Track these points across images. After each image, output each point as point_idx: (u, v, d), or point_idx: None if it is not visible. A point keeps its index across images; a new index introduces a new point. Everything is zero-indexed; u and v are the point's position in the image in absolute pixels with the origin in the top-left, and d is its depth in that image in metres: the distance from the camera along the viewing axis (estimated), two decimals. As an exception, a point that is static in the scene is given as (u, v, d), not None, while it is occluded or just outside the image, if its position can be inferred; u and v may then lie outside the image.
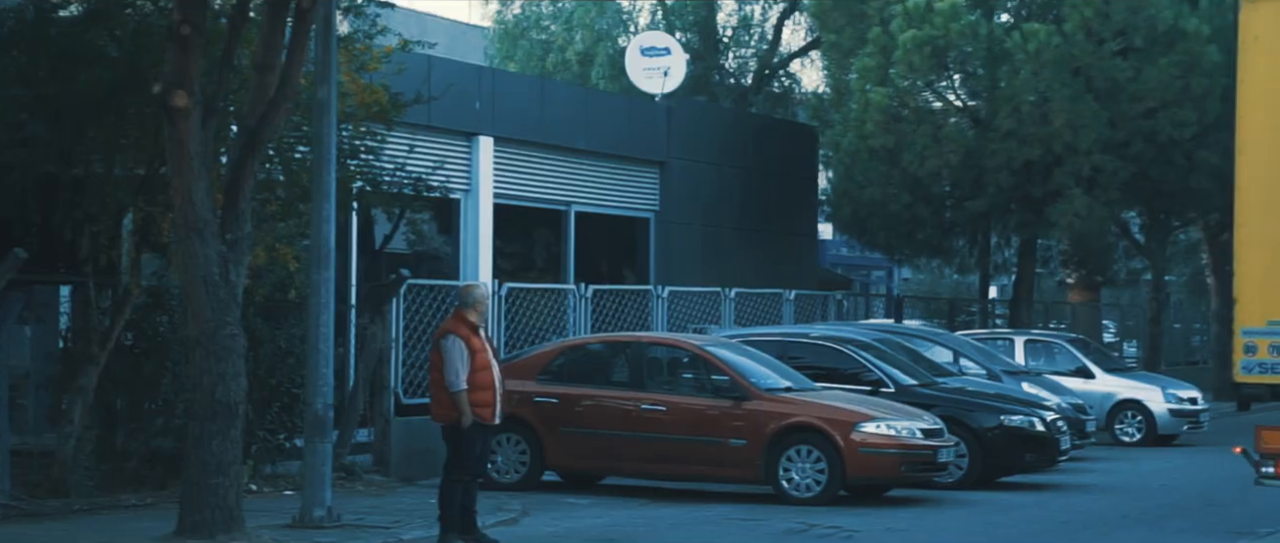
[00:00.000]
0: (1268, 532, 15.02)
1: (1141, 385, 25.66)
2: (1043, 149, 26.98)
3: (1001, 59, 27.11)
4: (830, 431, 16.15)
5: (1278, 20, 13.40)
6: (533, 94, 24.28)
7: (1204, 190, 28.57)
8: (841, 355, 18.77)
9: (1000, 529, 15.12)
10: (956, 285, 46.66)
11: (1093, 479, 19.44)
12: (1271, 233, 13.38)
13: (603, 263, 25.90)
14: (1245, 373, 13.63)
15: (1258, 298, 13.46)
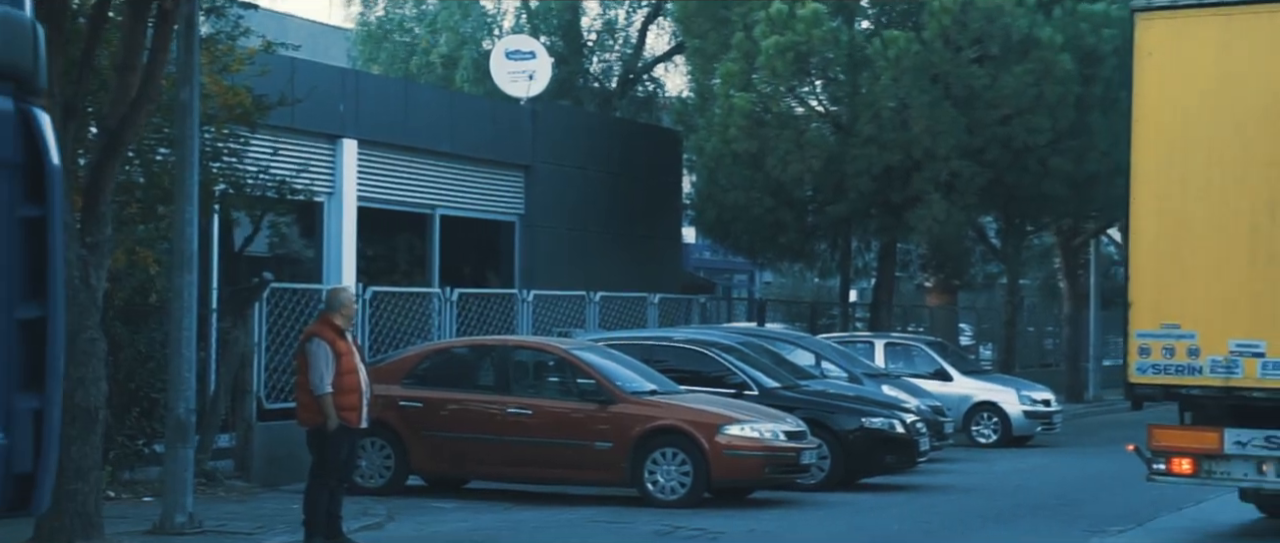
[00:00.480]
0: (1118, 530, 15.40)
1: (997, 388, 26.16)
2: (902, 155, 27.40)
3: (862, 65, 27.49)
4: (695, 433, 16.28)
5: (1170, 36, 13.85)
6: (397, 97, 24.18)
7: (1057, 196, 29.20)
8: (706, 359, 18.94)
9: (862, 530, 15.35)
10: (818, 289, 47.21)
11: (951, 480, 19.80)
12: (1164, 240, 13.78)
13: (467, 266, 25.86)
14: (1140, 374, 13.91)
15: (1151, 302, 13.82)
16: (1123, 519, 16.13)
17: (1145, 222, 13.97)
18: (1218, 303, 13.62)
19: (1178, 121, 13.81)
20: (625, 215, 28.79)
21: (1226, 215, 13.61)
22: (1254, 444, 13.60)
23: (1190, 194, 13.72)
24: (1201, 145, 13.69)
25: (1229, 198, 13.60)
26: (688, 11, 29.54)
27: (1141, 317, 13.90)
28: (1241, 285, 13.55)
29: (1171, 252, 13.81)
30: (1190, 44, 13.87)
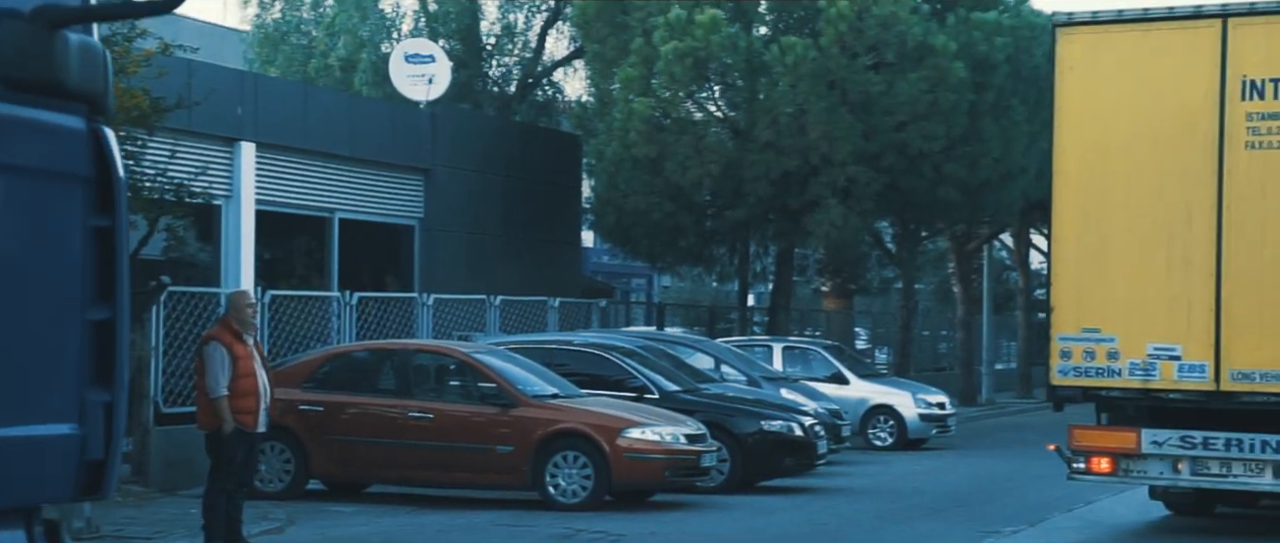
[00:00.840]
0: (1011, 531, 15.67)
1: (893, 391, 26.48)
2: (800, 160, 27.66)
3: (760, 71, 27.72)
4: (596, 437, 16.36)
5: (1090, 50, 14.37)
6: (296, 100, 24.05)
7: (951, 202, 29.60)
8: (606, 362, 19.03)
9: (761, 532, 15.51)
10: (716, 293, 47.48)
11: (848, 482, 20.03)
12: (1085, 248, 14.27)
13: (366, 270, 25.77)
14: (1061, 376, 14.45)
15: (1073, 307, 14.31)
16: (1015, 520, 16.42)
17: (1067, 229, 14.42)
18: (1136, 308, 14.11)
19: (1098, 132, 14.30)
20: (525, 219, 28.82)
21: (1145, 223, 14.11)
22: (1170, 444, 14.13)
23: (1110, 203, 14.22)
24: (1121, 155, 14.21)
25: (1147, 206, 14.10)
26: (587, 16, 29.62)
27: (1063, 321, 14.38)
28: (1159, 291, 14.05)
29: (1092, 258, 14.28)
30: (1109, 58, 14.37)
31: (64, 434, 3.89)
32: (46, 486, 3.89)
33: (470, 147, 27.51)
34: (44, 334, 3.82)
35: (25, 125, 3.75)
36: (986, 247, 39.54)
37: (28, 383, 3.78)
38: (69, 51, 3.82)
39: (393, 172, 25.79)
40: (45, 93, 3.80)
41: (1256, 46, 13.90)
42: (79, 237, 3.87)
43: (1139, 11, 14.59)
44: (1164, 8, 14.48)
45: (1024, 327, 42.38)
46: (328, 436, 16.84)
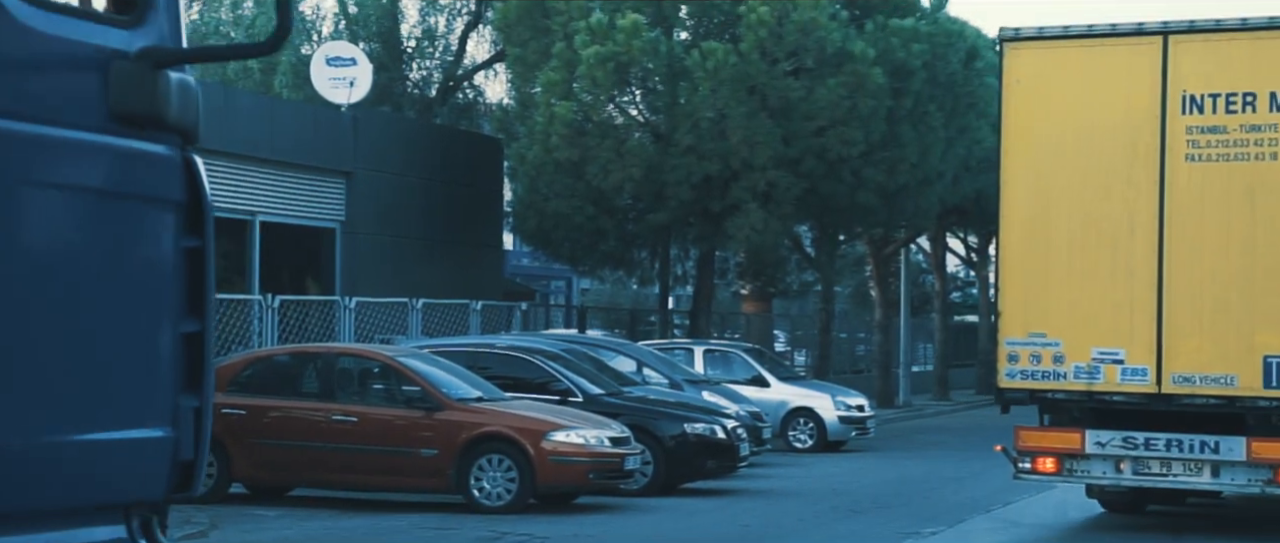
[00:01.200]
0: (931, 532, 15.89)
1: (813, 394, 26.72)
2: (721, 164, 27.85)
3: (681, 76, 27.88)
4: (521, 440, 16.43)
5: (1037, 65, 14.94)
6: (215, 101, 23.94)
7: (870, 206, 29.89)
8: (530, 365, 19.10)
9: (686, 534, 15.65)
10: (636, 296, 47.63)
11: (770, 485, 20.21)
12: (1032, 255, 14.87)
13: (288, 273, 25.69)
14: (1008, 379, 14.99)
15: (1019, 313, 14.92)
16: (935, 521, 16.65)
17: (1014, 237, 15.03)
18: (1081, 313, 14.67)
19: (1043, 144, 14.85)
20: (446, 222, 28.82)
21: (1089, 232, 14.68)
22: (1113, 444, 14.72)
23: (1056, 212, 14.79)
24: (1065, 166, 14.77)
25: (1092, 216, 14.67)
26: (508, 20, 29.67)
27: (1011, 326, 14.96)
28: (1103, 297, 14.62)
29: (1039, 265, 14.86)
30: (1055, 72, 14.93)
31: (160, 437, 4.21)
32: (144, 484, 4.21)
33: (392, 149, 27.49)
34: (143, 346, 4.16)
35: (131, 155, 4.10)
36: (904, 251, 39.94)
37: (129, 391, 4.12)
38: (170, 89, 4.17)
39: (314, 174, 25.73)
40: (148, 126, 4.13)
41: (1196, 63, 14.46)
42: (172, 256, 4.21)
43: (1084, 28, 15.12)
44: (1108, 25, 15.06)
45: (941, 330, 42.85)
46: (251, 439, 16.80)
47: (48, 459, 3.90)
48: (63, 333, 3.94)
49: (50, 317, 3.91)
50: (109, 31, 4.10)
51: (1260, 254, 14.27)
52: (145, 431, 4.16)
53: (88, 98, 4.00)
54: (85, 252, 4.01)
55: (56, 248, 3.94)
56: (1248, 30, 14.48)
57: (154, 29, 4.18)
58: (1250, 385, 14.17)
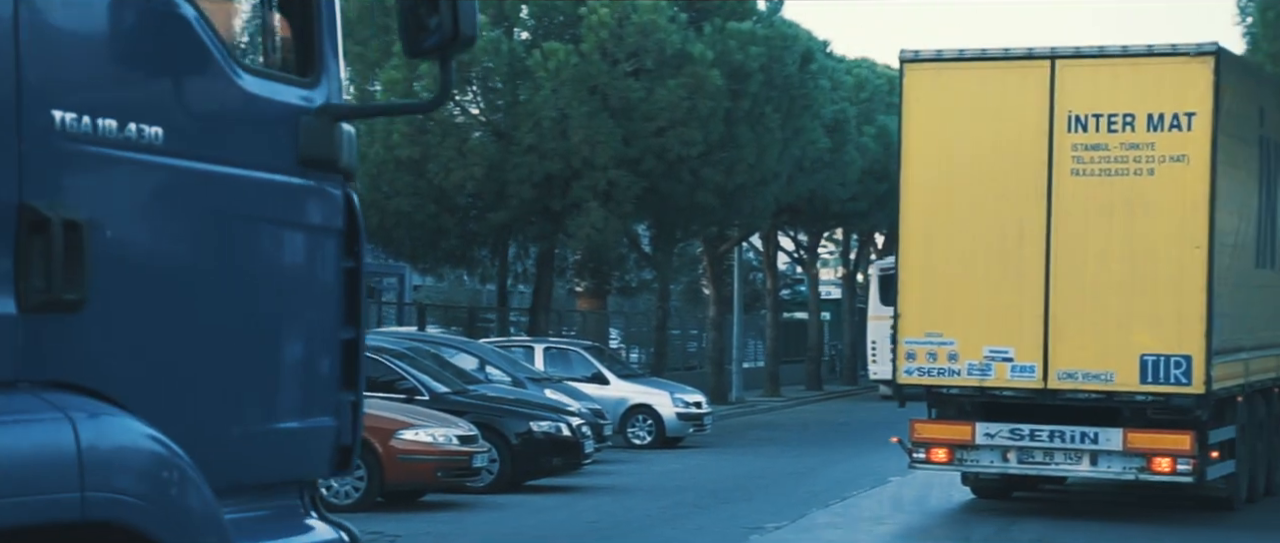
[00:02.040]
0: (775, 526, 16.29)
1: (652, 391, 27.07)
2: (562, 163, 28.07)
3: (523, 76, 28.05)
4: (369, 438, 16.42)
5: (933, 84, 16.11)
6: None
7: (708, 205, 30.34)
8: (375, 364, 19.10)
9: (535, 530, 15.86)
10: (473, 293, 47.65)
11: (614, 481, 20.50)
12: (929, 260, 16.04)
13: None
14: (907, 375, 16.16)
15: (917, 314, 16.08)
16: (778, 515, 17.07)
17: (912, 243, 16.18)
18: (974, 314, 15.88)
19: (940, 159, 16.01)
20: (285, 219, 28.63)
21: (981, 239, 15.87)
22: (1001, 436, 16.03)
23: (951, 221, 15.95)
24: (960, 179, 15.99)
25: (984, 224, 15.86)
26: (349, 18, 29.53)
27: (909, 326, 16.08)
28: (994, 299, 15.83)
29: (935, 270, 16.00)
30: (950, 91, 16.08)
31: (326, 426, 4.98)
32: (315, 464, 5.00)
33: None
34: (315, 350, 4.97)
35: (311, 193, 4.89)
36: (737, 249, 40.52)
37: (306, 387, 4.97)
38: (342, 138, 4.98)
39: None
40: (324, 169, 4.92)
41: (1080, 85, 15.67)
42: (335, 276, 4.98)
43: (978, 51, 16.28)
44: (1000, 48, 16.27)
45: (772, 327, 43.54)
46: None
47: (254, 444, 4.72)
48: (262, 338, 4.78)
49: (254, 325, 4.74)
50: (297, 91, 4.88)
51: (1138, 262, 15.55)
52: (316, 420, 4.95)
53: (283, 146, 4.79)
54: (277, 272, 4.84)
55: (258, 269, 4.75)
56: (1128, 56, 15.87)
57: (327, 87, 4.97)
58: (1127, 381, 15.47)
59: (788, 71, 30.95)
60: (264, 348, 4.80)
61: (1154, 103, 15.50)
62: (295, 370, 4.96)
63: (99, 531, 3.92)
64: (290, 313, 4.86)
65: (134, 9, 4.30)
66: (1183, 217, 15.50)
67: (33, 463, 3.80)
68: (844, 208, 40.61)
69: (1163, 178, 15.50)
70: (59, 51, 4.07)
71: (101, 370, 4.14)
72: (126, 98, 4.26)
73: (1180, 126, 15.45)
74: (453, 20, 4.85)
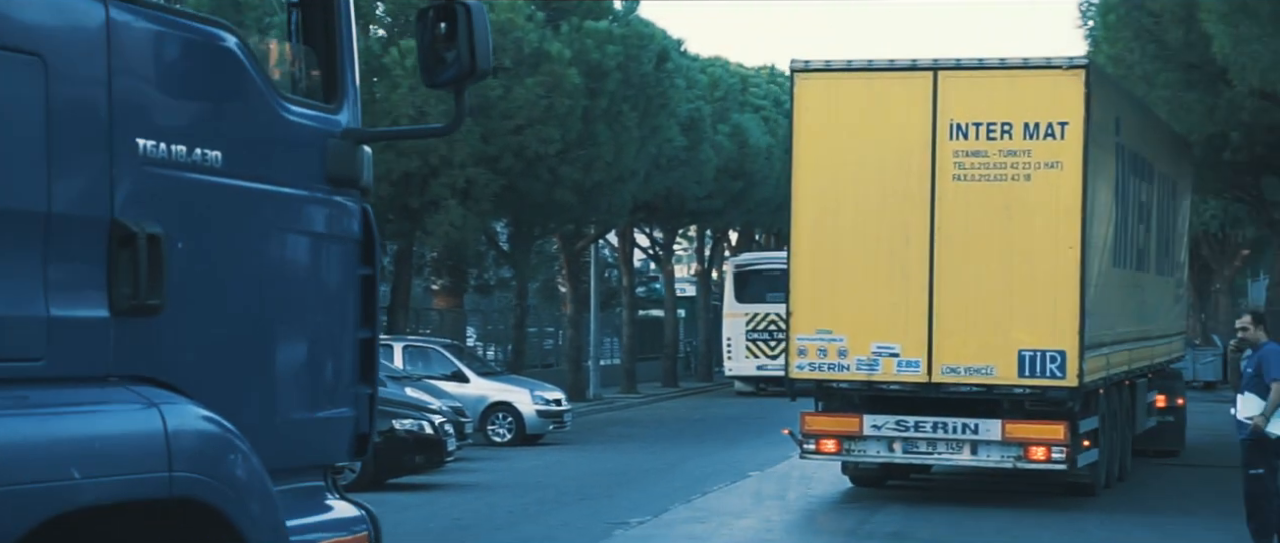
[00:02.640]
0: (638, 521, 16.49)
1: (511, 388, 27.15)
2: (420, 161, 28.01)
3: (379, 73, 27.95)
4: (231, 439, 16.38)
5: (824, 93, 16.80)
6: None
7: (566, 203, 30.48)
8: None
9: (399, 528, 15.84)
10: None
11: (476, 478, 20.57)
12: (820, 260, 16.79)
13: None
14: (798, 370, 16.91)
15: (808, 312, 16.79)
16: (640, 511, 17.26)
17: (803, 244, 16.87)
18: (863, 313, 16.62)
19: (829, 163, 16.71)
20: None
21: (869, 241, 16.60)
22: (887, 427, 16.91)
23: (841, 223, 16.68)
24: (849, 183, 16.75)
25: (872, 226, 16.61)
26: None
27: (800, 323, 16.81)
28: (882, 299, 16.56)
29: (826, 269, 16.71)
30: (839, 100, 16.77)
31: (347, 416, 5.62)
32: (337, 449, 5.64)
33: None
34: (338, 347, 5.60)
35: (335, 207, 5.53)
36: (593, 247, 40.70)
37: (330, 381, 5.59)
38: (361, 159, 5.61)
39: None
40: (346, 186, 5.55)
41: (961, 96, 16.44)
42: (354, 281, 5.62)
43: (865, 62, 16.98)
44: (886, 60, 16.99)
45: (628, 324, 43.77)
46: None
47: (289, 431, 5.33)
48: (296, 337, 5.44)
49: (290, 325, 5.39)
50: (324, 116, 5.50)
51: (1016, 262, 16.37)
52: (339, 410, 5.59)
53: (313, 166, 5.42)
54: (308, 277, 5.50)
55: (292, 275, 5.41)
56: (1005, 68, 16.64)
57: (349, 113, 5.62)
58: (1006, 375, 16.32)
59: (644, 70, 31.20)
60: (298, 345, 5.46)
61: (1030, 112, 16.31)
62: (322, 366, 5.56)
63: (176, 507, 4.50)
64: (318, 314, 5.51)
65: (194, 49, 4.94)
66: (1057, 220, 16.35)
67: (132, 447, 4.41)
68: (699, 206, 41.00)
69: (1038, 183, 16.36)
70: (139, 88, 4.70)
71: (172, 366, 4.76)
72: (192, 126, 4.91)
73: (1054, 135, 16.27)
74: (470, 56, 5.43)
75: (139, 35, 4.70)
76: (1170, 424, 22.87)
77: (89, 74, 4.53)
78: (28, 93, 4.35)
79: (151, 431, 4.45)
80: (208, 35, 4.99)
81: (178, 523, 4.58)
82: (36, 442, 4.19)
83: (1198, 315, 64.14)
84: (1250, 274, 67.93)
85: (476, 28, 5.43)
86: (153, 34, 4.78)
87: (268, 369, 5.32)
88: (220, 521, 4.60)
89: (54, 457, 4.18)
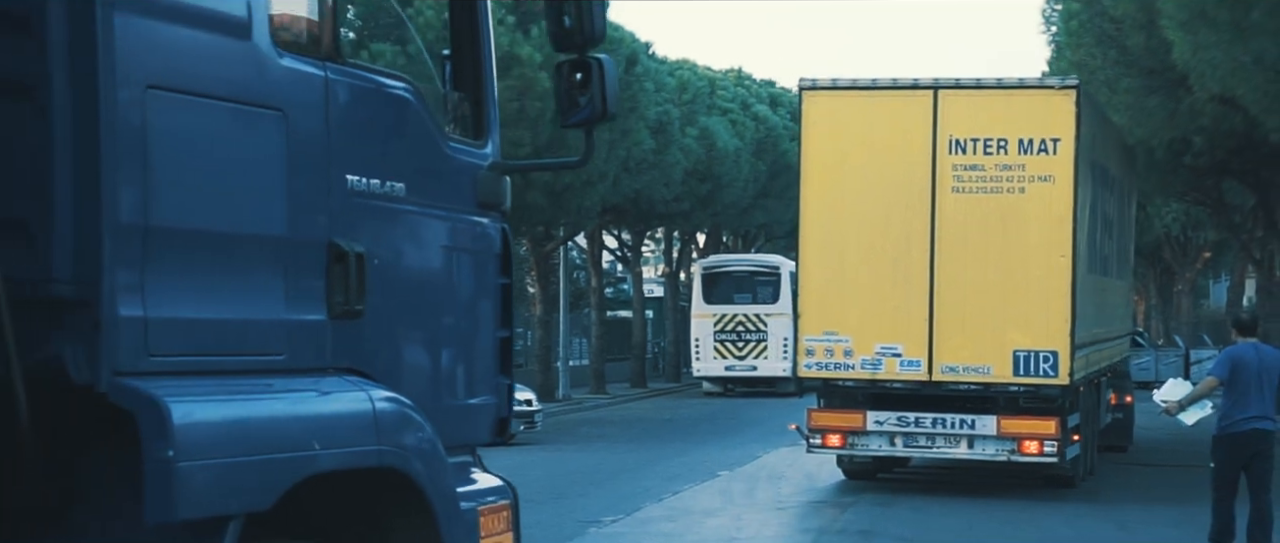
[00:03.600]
0: (611, 520, 16.75)
1: (483, 389, 27.32)
2: (392, 165, 28.18)
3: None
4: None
5: (830, 109, 17.79)
6: None
7: (536, 205, 30.71)
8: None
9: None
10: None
11: (449, 478, 20.74)
12: (827, 266, 17.80)
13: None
14: (806, 369, 17.98)
15: (816, 314, 17.81)
16: (613, 510, 17.52)
17: (811, 251, 17.91)
18: (867, 315, 17.64)
19: (836, 175, 17.70)
20: None
21: (873, 247, 17.60)
22: (889, 423, 18.04)
23: (846, 231, 17.68)
24: (854, 193, 17.72)
25: (876, 234, 17.61)
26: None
27: (809, 325, 17.85)
28: (885, 301, 17.58)
29: (832, 275, 17.72)
30: (845, 116, 17.76)
31: (491, 402, 6.71)
32: (483, 430, 6.71)
33: None
34: (484, 345, 6.68)
35: (482, 227, 6.62)
36: (562, 248, 40.94)
37: (478, 373, 6.64)
38: (504, 187, 6.72)
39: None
40: (491, 209, 6.63)
41: (959, 113, 17.45)
42: (496, 288, 6.71)
43: (869, 81, 17.95)
44: (889, 79, 17.91)
45: (597, 325, 44.03)
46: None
47: (450, 415, 6.25)
48: (456, 336, 6.50)
49: (451, 326, 6.46)
50: (476, 151, 6.58)
51: (1011, 269, 17.38)
52: (484, 398, 6.67)
53: (468, 194, 6.49)
54: (464, 286, 6.57)
55: (453, 284, 6.49)
56: (1002, 88, 17.73)
57: (493, 147, 6.69)
58: (1002, 374, 17.33)
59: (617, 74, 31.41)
60: (455, 343, 6.50)
61: (1025, 129, 17.32)
62: (473, 360, 6.60)
63: (376, 477, 5.49)
64: (470, 317, 6.60)
65: (383, 100, 5.99)
66: (1050, 230, 17.35)
67: (352, 425, 5.44)
68: (668, 208, 41.27)
69: (1032, 195, 17.38)
70: (347, 133, 5.72)
71: (368, 359, 5.79)
72: (383, 162, 5.92)
73: (1047, 151, 17.29)
74: (602, 101, 6.49)
75: (346, 90, 5.71)
76: (1120, 421, 23.71)
77: (313, 123, 5.54)
78: (273, 140, 5.37)
79: (364, 411, 5.47)
80: (393, 88, 6.05)
81: (364, 492, 5.57)
82: (287, 419, 5.22)
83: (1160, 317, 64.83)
84: (1211, 276, 68.67)
85: (608, 78, 6.50)
86: (355, 89, 5.79)
87: (435, 362, 6.37)
88: (410, 488, 5.58)
89: (300, 431, 5.19)
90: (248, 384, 5.20)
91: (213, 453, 4.81)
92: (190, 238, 5.07)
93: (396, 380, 5.85)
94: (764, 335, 41.13)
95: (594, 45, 6.53)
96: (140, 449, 4.70)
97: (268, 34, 5.35)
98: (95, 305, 4.78)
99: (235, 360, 5.23)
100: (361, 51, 26.46)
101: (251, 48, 5.27)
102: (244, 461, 4.91)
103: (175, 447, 4.68)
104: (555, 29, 6.57)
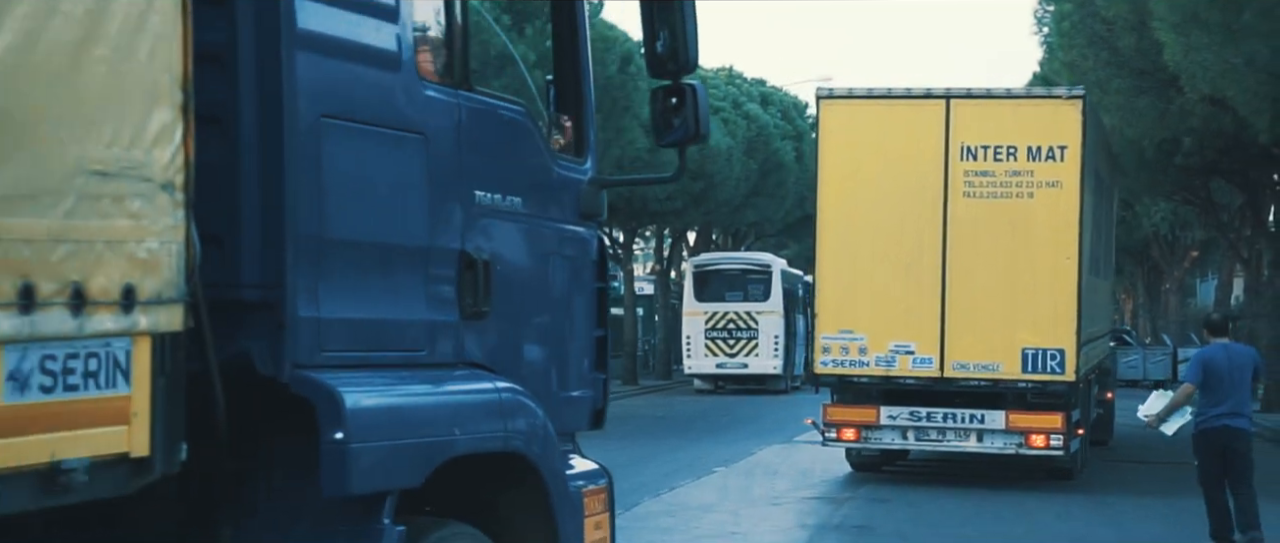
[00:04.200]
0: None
1: (478, 386, 27.45)
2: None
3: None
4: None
5: (846, 117, 18.44)
6: None
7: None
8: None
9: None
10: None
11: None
12: (843, 267, 18.51)
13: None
14: (823, 366, 18.66)
15: (833, 314, 18.51)
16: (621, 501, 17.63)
17: (827, 253, 18.57)
18: (881, 314, 18.30)
19: (851, 181, 18.36)
20: None
21: (888, 249, 18.25)
22: (901, 417, 18.73)
23: (862, 234, 18.35)
24: (869, 198, 18.38)
25: (889, 237, 18.26)
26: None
27: (825, 324, 18.57)
28: (898, 301, 18.24)
29: (848, 276, 18.40)
30: (861, 124, 18.41)
31: (589, 396, 7.30)
32: (580, 421, 7.29)
33: None
34: (584, 343, 7.29)
35: (583, 236, 7.23)
36: (555, 246, 41.04)
37: (579, 368, 7.24)
38: (602, 199, 7.32)
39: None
40: (590, 219, 7.24)
41: (971, 121, 18.11)
42: (593, 292, 7.31)
43: (884, 90, 18.69)
44: (903, 88, 18.68)
45: (588, 323, 44.14)
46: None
47: (555, 406, 6.76)
48: (561, 335, 7.10)
49: (557, 326, 7.07)
50: (578, 167, 7.18)
51: (1020, 271, 18.02)
52: (583, 391, 7.26)
53: (571, 206, 7.09)
54: (568, 289, 7.15)
55: (560, 287, 7.08)
56: (1011, 97, 18.60)
57: (592, 163, 7.31)
58: (1010, 371, 17.98)
59: (608, 73, 31.57)
60: (561, 341, 7.11)
61: (1033, 136, 17.96)
62: (575, 356, 7.19)
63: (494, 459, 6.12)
64: (572, 317, 7.20)
65: (503, 123, 6.65)
66: (1057, 233, 17.97)
67: (484, 413, 6.15)
68: (660, 206, 41.43)
69: (1041, 200, 17.95)
70: (475, 152, 6.36)
71: (490, 355, 6.41)
72: (504, 178, 6.57)
73: (1055, 157, 17.93)
74: (695, 122, 7.04)
75: (474, 115, 6.36)
76: (1101, 416, 24.18)
77: (448, 145, 6.17)
78: (418, 161, 6.01)
79: (492, 401, 6.17)
80: (512, 112, 6.71)
81: (478, 473, 6.12)
82: (434, 407, 5.93)
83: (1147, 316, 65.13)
84: (1199, 275, 69.02)
85: (701, 103, 7.02)
86: (481, 114, 6.44)
87: (544, 358, 6.97)
88: (527, 469, 6.25)
89: (445, 418, 5.89)
90: (400, 376, 5.84)
91: (377, 436, 5.44)
92: (354, 248, 5.72)
93: (513, 374, 6.44)
94: (755, 333, 41.29)
95: (688, 72, 7.02)
96: (318, 433, 5.30)
97: (414, 66, 6.01)
98: (279, 307, 5.42)
99: (389, 356, 5.86)
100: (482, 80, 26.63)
101: (402, 79, 5.93)
102: (402, 443, 5.57)
103: (347, 431, 5.30)
104: (650, 54, 7.05)
